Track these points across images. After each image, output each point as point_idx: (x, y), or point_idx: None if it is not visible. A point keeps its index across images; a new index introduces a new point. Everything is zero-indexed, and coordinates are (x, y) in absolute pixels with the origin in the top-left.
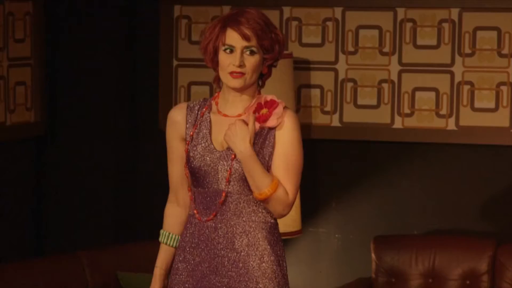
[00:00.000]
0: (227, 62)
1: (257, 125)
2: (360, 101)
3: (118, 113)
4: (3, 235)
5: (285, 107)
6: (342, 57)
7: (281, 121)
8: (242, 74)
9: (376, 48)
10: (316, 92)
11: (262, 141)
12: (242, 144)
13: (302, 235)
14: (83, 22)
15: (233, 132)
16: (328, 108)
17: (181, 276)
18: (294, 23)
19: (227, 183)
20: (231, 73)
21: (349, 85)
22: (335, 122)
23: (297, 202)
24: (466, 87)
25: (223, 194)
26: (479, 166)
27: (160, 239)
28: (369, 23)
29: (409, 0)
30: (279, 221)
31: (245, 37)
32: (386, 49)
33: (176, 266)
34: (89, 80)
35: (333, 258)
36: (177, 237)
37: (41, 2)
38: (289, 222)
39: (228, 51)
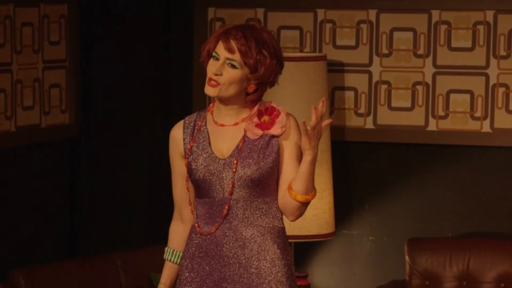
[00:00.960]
0: (209, 68)
1: (259, 132)
2: (394, 103)
3: (152, 116)
4: (38, 236)
5: (287, 114)
6: (376, 59)
7: (285, 129)
8: (218, 83)
9: (410, 50)
10: (350, 94)
11: (264, 148)
12: (317, 146)
13: (336, 237)
14: (118, 24)
15: (318, 132)
16: (362, 110)
17: (191, 287)
18: (328, 25)
19: (229, 193)
20: (209, 79)
21: (383, 87)
22: (369, 125)
23: (331, 204)
24: (501, 89)
25: (226, 207)
26: None
27: (164, 256)
28: (403, 25)
29: (444, 2)
30: (315, 223)
31: (229, 50)
32: (421, 51)
33: (184, 276)
34: (123, 83)
35: (367, 260)
36: (181, 254)
37: (76, 5)
38: (323, 224)
39: (214, 58)
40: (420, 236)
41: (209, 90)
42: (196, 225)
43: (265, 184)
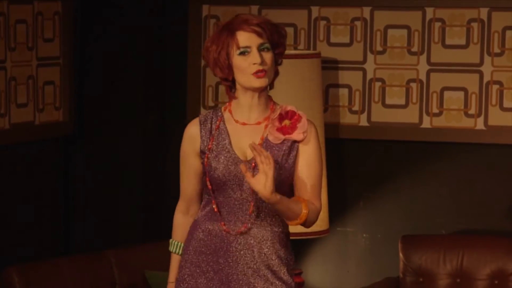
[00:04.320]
0: (246, 64)
1: (281, 136)
2: (388, 101)
3: (146, 112)
4: (32, 234)
5: (308, 120)
6: (370, 56)
7: (306, 135)
8: (265, 71)
9: (404, 47)
10: (344, 92)
11: (287, 152)
12: (265, 194)
13: (330, 234)
14: (112, 21)
15: (257, 180)
16: (356, 107)
17: (196, 282)
18: (323, 23)
19: (252, 193)
20: (255, 73)
21: (377, 84)
22: (363, 122)
23: (325, 201)
24: (495, 87)
25: (252, 204)
26: (508, 166)
27: (172, 249)
28: (397, 23)
29: (438, 0)
30: None
31: (259, 34)
32: (415, 49)
33: (189, 270)
34: (118, 80)
35: (361, 258)
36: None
37: (70, 2)
38: (317, 222)
39: (245, 53)
40: (414, 233)
41: (261, 82)
42: (222, 223)
43: (282, 188)
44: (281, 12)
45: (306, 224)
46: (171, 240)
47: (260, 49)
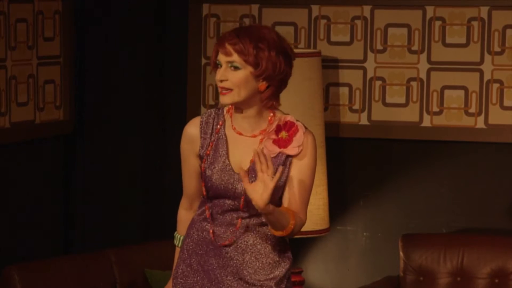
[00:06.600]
0: (215, 78)
1: (276, 150)
2: (388, 100)
3: (147, 112)
4: (32, 233)
5: (305, 132)
6: (370, 55)
7: (301, 149)
8: (230, 90)
9: (405, 46)
10: (344, 90)
11: (281, 166)
12: (260, 204)
13: (330, 233)
14: (112, 20)
15: (254, 188)
16: (356, 106)
17: (187, 282)
18: (323, 22)
19: (241, 207)
20: (220, 89)
21: (378, 83)
22: (364, 121)
23: (325, 200)
24: (495, 85)
25: (239, 221)
26: (508, 164)
27: (176, 243)
28: (398, 21)
29: None
30: (309, 219)
31: (226, 53)
32: (415, 47)
33: (182, 269)
34: (118, 79)
35: (361, 256)
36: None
37: (70, 1)
38: (317, 220)
39: (219, 67)
40: (414, 232)
41: (224, 99)
42: (210, 231)
43: (273, 199)
44: (281, 11)
45: (289, 235)
46: (175, 233)
47: (228, 66)
